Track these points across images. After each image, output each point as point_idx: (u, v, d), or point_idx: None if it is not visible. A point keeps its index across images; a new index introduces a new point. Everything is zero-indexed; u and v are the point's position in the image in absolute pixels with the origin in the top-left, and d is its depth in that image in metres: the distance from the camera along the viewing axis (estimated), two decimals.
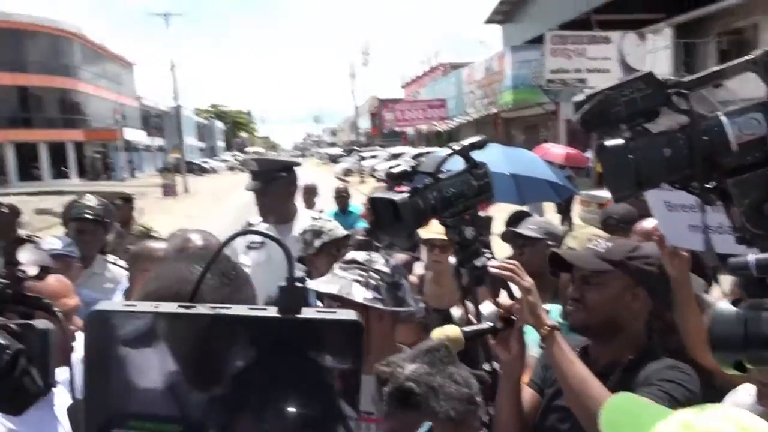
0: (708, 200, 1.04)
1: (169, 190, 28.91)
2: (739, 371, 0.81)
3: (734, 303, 0.83)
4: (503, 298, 1.59)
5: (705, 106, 1.02)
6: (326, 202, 6.92)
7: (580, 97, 1.03)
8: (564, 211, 11.16)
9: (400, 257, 3.80)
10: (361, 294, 1.70)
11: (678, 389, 1.43)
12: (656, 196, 1.73)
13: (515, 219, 3.50)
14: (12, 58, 39.83)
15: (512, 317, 1.54)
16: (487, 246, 2.00)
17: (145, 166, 56.18)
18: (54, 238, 2.75)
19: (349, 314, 0.58)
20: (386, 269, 1.77)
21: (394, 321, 1.80)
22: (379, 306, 1.71)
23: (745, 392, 1.67)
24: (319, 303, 1.93)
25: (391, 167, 1.79)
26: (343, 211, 6.18)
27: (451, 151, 1.85)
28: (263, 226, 3.23)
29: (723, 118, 0.97)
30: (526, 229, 2.93)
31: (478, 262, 1.82)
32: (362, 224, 5.06)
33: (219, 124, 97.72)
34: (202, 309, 0.60)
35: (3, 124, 40.05)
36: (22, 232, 5.09)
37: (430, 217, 1.79)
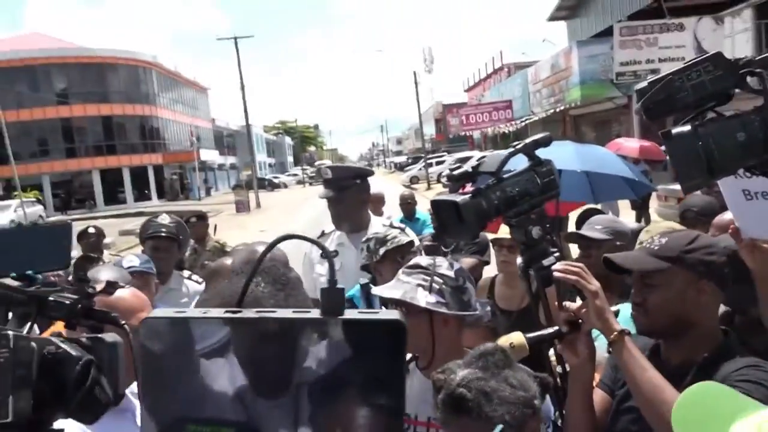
0: None
1: (242, 207, 29.94)
2: None
3: None
4: (570, 301, 1.53)
5: None
6: (394, 211, 6.94)
7: (642, 84, 0.98)
8: (640, 207, 10.71)
9: (468, 261, 3.75)
10: (424, 298, 1.68)
11: (760, 390, 1.33)
12: (733, 184, 1.61)
13: (582, 219, 3.37)
14: (96, 90, 42.58)
15: (578, 321, 1.49)
16: (556, 245, 1.94)
17: (219, 184, 58.44)
18: (133, 255, 2.87)
19: (391, 314, 0.57)
20: (450, 273, 1.74)
21: (460, 325, 1.77)
22: (444, 310, 1.68)
23: None
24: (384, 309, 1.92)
25: (451, 169, 1.76)
26: (410, 218, 6.16)
27: (513, 150, 1.80)
28: (336, 234, 3.27)
29: None
30: (591, 230, 2.79)
31: (546, 262, 1.77)
32: (429, 230, 5.03)
33: (287, 140, 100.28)
34: (247, 313, 0.60)
35: (90, 152, 42.79)
36: (107, 253, 5.39)
37: (494, 217, 1.75)
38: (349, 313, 0.57)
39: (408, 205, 6.46)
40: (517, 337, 1.49)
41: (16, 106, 39.43)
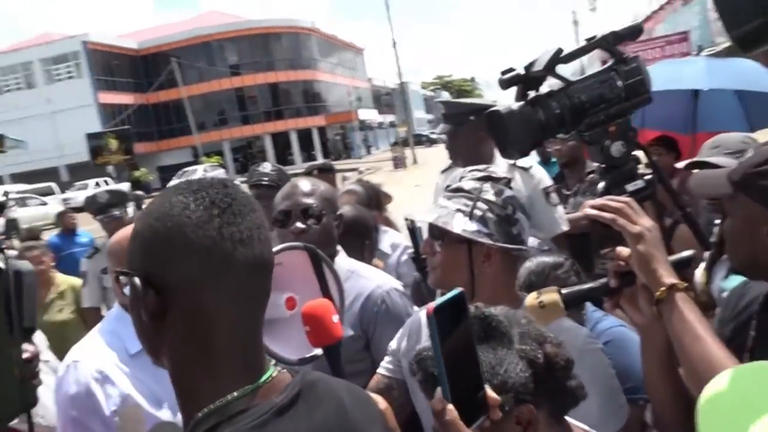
0: None
1: (399, 163, 30.68)
2: None
3: None
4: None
5: None
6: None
7: None
8: None
9: None
10: (461, 225, 1.42)
11: None
12: None
13: None
14: (264, 59, 45.56)
15: (632, 271, 1.13)
16: (655, 168, 1.55)
17: (379, 142, 59.95)
18: None
19: None
20: (497, 200, 1.46)
21: (509, 262, 1.49)
22: (484, 240, 1.41)
23: None
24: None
25: (502, 72, 1.44)
26: (545, 162, 5.70)
27: (584, 45, 1.44)
28: (458, 171, 3.10)
29: None
30: (718, 154, 2.14)
31: (630, 188, 1.41)
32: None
33: (445, 95, 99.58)
34: None
35: (261, 118, 46.10)
36: None
37: (557, 131, 1.42)
38: None
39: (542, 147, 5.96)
40: (549, 295, 1.18)
41: (197, 80, 43.62)
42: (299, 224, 1.82)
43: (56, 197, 25.77)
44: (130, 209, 4.50)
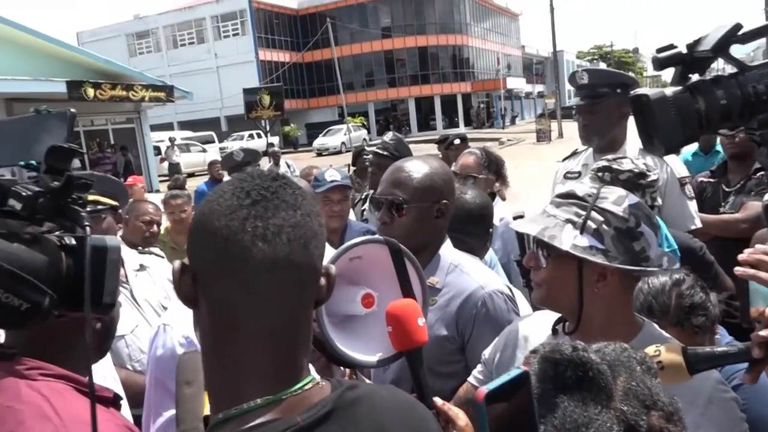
0: None
1: (542, 136, 29.46)
2: None
3: None
4: None
5: None
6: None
7: None
8: None
9: (755, 206, 2.81)
10: (570, 239, 1.21)
11: None
12: None
13: None
14: (415, 23, 45.47)
15: None
16: None
17: (525, 113, 57.86)
18: (334, 170, 2.87)
19: None
20: (617, 210, 1.22)
21: (628, 283, 1.26)
22: (598, 260, 1.19)
23: None
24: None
25: (658, 50, 1.19)
26: (706, 151, 4.95)
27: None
28: (586, 154, 2.84)
29: None
30: None
31: None
32: None
33: (602, 66, 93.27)
34: None
35: (407, 82, 46.31)
36: None
37: (720, 125, 1.16)
38: None
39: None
40: (670, 354, 0.95)
41: (349, 41, 44.64)
42: (384, 216, 1.73)
43: (215, 146, 27.93)
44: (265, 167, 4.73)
